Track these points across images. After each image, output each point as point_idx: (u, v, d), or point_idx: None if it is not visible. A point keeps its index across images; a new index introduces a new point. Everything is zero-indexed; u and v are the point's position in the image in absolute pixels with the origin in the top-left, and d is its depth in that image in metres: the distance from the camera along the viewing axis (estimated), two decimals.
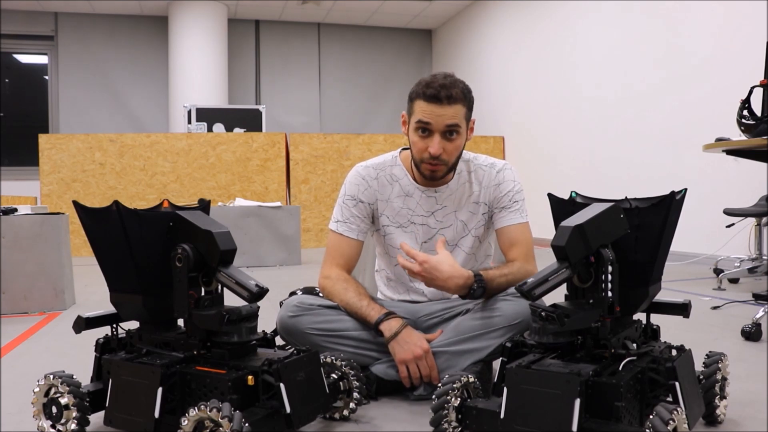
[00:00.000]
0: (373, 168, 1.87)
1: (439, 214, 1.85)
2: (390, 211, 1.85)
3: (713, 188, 4.68)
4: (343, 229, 1.84)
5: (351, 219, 1.85)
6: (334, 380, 1.44)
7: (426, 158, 1.72)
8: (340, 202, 1.88)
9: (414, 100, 1.72)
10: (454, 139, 1.71)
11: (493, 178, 1.84)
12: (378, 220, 1.88)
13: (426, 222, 1.85)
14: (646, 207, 1.26)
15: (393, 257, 1.87)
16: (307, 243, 7.00)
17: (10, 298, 3.10)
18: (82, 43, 8.92)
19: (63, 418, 1.33)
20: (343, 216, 1.86)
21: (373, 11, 9.26)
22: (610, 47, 6.01)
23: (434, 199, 1.84)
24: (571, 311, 1.17)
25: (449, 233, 1.85)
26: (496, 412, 1.20)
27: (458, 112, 1.68)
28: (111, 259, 1.38)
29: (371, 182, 1.86)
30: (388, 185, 1.86)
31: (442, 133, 1.69)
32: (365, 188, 1.85)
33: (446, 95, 1.65)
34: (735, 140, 3.18)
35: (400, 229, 1.85)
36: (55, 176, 6.65)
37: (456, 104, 1.68)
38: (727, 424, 1.43)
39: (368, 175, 1.86)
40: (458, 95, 1.68)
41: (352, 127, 9.52)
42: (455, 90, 1.67)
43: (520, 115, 7.65)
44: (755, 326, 2.33)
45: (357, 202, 1.85)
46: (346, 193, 1.87)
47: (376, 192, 1.86)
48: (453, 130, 1.69)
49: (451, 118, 1.68)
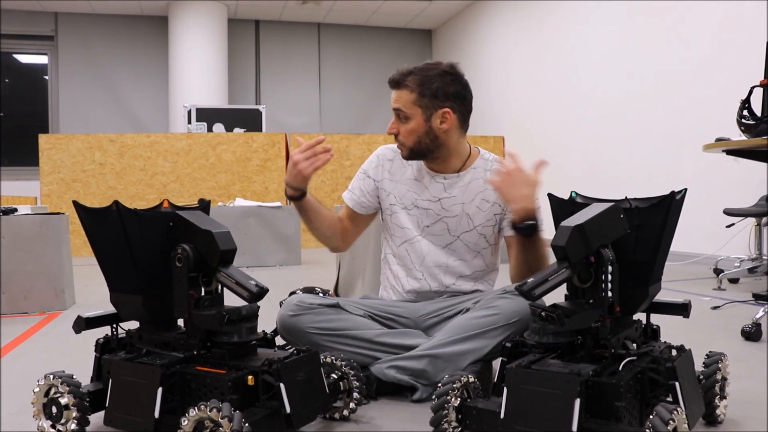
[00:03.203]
0: (393, 151, 1.96)
1: (446, 202, 1.87)
2: (398, 192, 1.92)
3: (713, 188, 4.68)
4: (347, 197, 1.98)
5: (356, 191, 1.97)
6: (334, 380, 1.44)
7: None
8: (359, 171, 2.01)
9: None
10: (404, 123, 1.81)
11: None
12: (385, 199, 1.94)
13: (431, 207, 1.88)
14: (646, 207, 1.26)
15: (398, 237, 1.92)
16: (307, 243, 6.98)
17: (10, 298, 3.10)
18: (82, 43, 8.93)
19: (63, 418, 1.33)
20: (353, 185, 1.99)
21: (373, 11, 9.26)
22: (610, 47, 6.01)
23: (442, 185, 1.88)
24: (571, 311, 1.17)
25: (452, 223, 1.87)
26: (496, 412, 1.20)
27: (402, 97, 1.79)
28: (111, 259, 1.38)
29: (385, 163, 1.95)
30: (402, 168, 1.94)
31: (396, 116, 1.82)
32: (375, 165, 1.96)
33: (394, 80, 1.80)
34: (735, 140, 3.18)
35: (404, 210, 1.91)
36: (55, 176, 6.65)
37: (401, 89, 1.79)
38: (727, 424, 1.43)
39: (384, 155, 1.97)
40: (406, 81, 1.78)
41: (352, 127, 9.52)
42: (408, 77, 1.78)
43: (520, 115, 7.65)
44: (755, 326, 2.33)
45: (366, 176, 1.97)
46: (363, 166, 1.99)
47: (387, 171, 1.94)
48: (399, 114, 1.80)
49: (394, 102, 1.80)
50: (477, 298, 1.78)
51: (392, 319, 1.82)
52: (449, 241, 1.87)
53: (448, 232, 1.87)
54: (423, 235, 1.88)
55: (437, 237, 1.88)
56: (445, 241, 1.87)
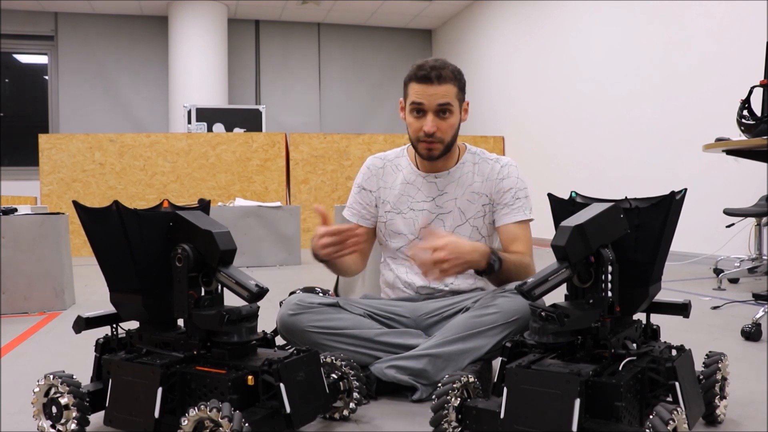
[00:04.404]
0: (381, 159, 1.99)
1: (439, 200, 1.89)
2: (392, 197, 1.93)
3: (713, 188, 4.68)
4: (348, 214, 1.98)
5: (355, 205, 1.97)
6: (334, 380, 1.44)
7: (422, 137, 1.79)
8: (353, 188, 2.01)
9: (407, 84, 1.81)
10: (447, 117, 1.78)
11: (497, 172, 1.88)
12: (380, 206, 1.95)
13: (426, 207, 1.89)
14: (646, 207, 1.26)
15: (394, 242, 1.93)
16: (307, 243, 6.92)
17: (10, 298, 3.10)
18: (82, 43, 8.93)
19: (63, 418, 1.33)
20: (350, 201, 1.99)
21: (373, 11, 9.26)
22: (610, 47, 6.01)
23: (435, 184, 1.89)
24: (571, 311, 1.17)
25: (449, 219, 1.88)
26: (496, 412, 1.20)
27: (449, 91, 1.76)
28: (111, 259, 1.38)
29: (376, 171, 1.97)
30: (392, 174, 1.95)
31: (435, 112, 1.76)
32: (369, 177, 1.97)
33: (436, 75, 1.73)
34: (735, 140, 3.18)
35: (399, 215, 1.91)
36: (55, 176, 6.65)
37: (446, 83, 1.75)
38: (727, 424, 1.43)
39: (374, 165, 1.98)
40: (448, 75, 1.75)
41: (352, 127, 9.53)
42: (445, 70, 1.75)
43: (520, 115, 7.65)
44: (755, 326, 2.33)
45: (361, 189, 1.98)
46: (356, 181, 2.00)
47: (380, 180, 1.95)
48: (445, 109, 1.76)
49: (442, 97, 1.75)
50: (476, 296, 1.78)
51: (392, 319, 1.82)
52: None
53: (443, 229, 1.88)
54: (419, 236, 1.88)
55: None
56: None
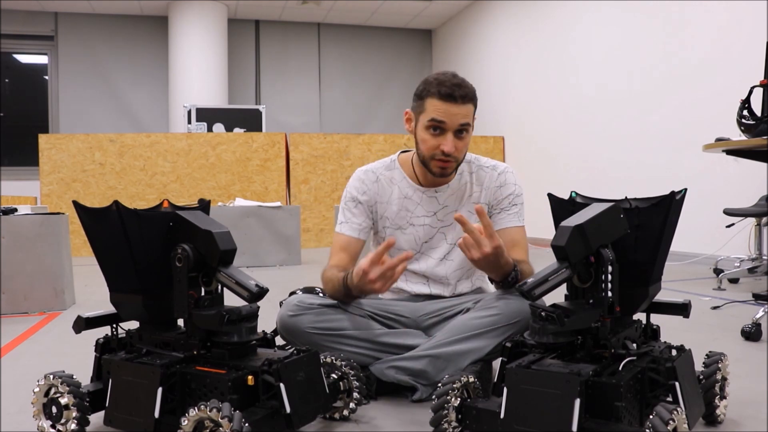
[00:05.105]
0: (373, 171, 1.92)
1: (440, 214, 1.87)
2: (390, 213, 1.89)
3: (713, 188, 4.68)
4: (345, 229, 1.88)
5: (352, 219, 1.89)
6: (334, 380, 1.44)
7: (437, 155, 1.74)
8: (342, 205, 1.92)
9: (425, 98, 1.73)
10: (464, 137, 1.75)
11: (494, 179, 1.87)
12: (378, 222, 1.91)
13: (427, 222, 1.87)
14: (646, 207, 1.26)
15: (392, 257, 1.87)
16: (307, 243, 7.00)
17: (10, 298, 3.10)
18: (82, 43, 8.93)
19: (63, 418, 1.33)
20: (345, 217, 1.90)
21: (373, 11, 9.26)
22: (610, 47, 6.01)
23: (435, 199, 1.87)
24: (571, 311, 1.17)
25: (450, 233, 1.87)
26: (496, 412, 1.20)
27: (470, 111, 1.73)
28: (111, 259, 1.38)
29: (371, 185, 1.90)
30: (387, 188, 1.89)
31: (455, 132, 1.72)
32: (364, 191, 1.90)
33: (461, 95, 1.69)
34: (735, 140, 3.18)
35: (399, 230, 1.89)
36: (55, 176, 6.65)
37: (468, 103, 1.71)
38: (727, 424, 1.43)
39: (368, 178, 1.91)
40: (470, 94, 1.72)
41: (352, 127, 9.53)
42: (468, 90, 1.71)
43: (520, 115, 7.65)
44: (755, 326, 2.33)
45: (357, 203, 1.90)
46: (347, 196, 1.91)
47: (376, 194, 1.90)
48: (464, 129, 1.73)
49: (464, 117, 1.71)
50: (477, 298, 1.78)
51: (392, 319, 1.82)
52: (447, 251, 1.88)
53: (445, 242, 1.88)
54: (422, 251, 1.88)
55: (435, 250, 1.88)
56: (443, 252, 1.88)
